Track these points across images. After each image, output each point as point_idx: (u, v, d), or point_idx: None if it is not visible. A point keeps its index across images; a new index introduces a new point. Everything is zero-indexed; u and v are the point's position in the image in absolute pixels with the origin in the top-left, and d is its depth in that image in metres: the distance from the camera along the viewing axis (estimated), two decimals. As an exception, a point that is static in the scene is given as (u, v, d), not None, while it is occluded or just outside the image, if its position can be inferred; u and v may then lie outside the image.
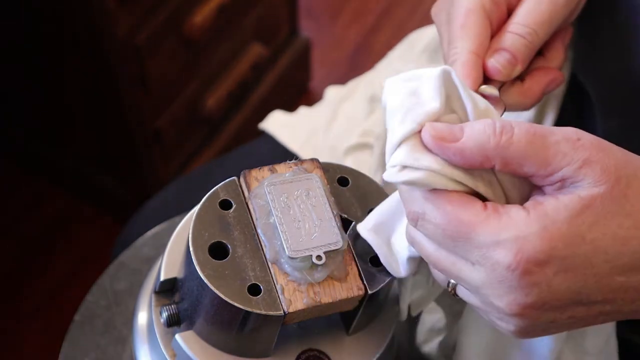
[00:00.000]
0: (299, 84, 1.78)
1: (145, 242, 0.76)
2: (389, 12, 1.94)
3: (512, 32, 0.60)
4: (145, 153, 1.43)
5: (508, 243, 0.47)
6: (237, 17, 1.45)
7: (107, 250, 1.58)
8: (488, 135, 0.48)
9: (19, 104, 1.55)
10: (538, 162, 0.48)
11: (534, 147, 0.48)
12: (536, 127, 0.49)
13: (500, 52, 0.60)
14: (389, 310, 0.61)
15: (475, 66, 0.58)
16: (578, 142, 0.48)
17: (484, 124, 0.49)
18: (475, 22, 0.60)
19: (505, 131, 0.48)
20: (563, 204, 0.47)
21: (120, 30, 1.21)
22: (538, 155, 0.48)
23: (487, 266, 0.48)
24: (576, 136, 0.48)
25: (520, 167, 0.49)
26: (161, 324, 0.59)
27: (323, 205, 0.57)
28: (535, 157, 0.48)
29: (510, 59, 0.60)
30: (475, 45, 0.59)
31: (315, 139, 0.89)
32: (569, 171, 0.48)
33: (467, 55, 0.58)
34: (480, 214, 0.48)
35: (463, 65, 0.58)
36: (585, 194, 0.47)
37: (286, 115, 0.93)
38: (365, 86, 0.91)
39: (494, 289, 0.48)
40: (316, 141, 0.88)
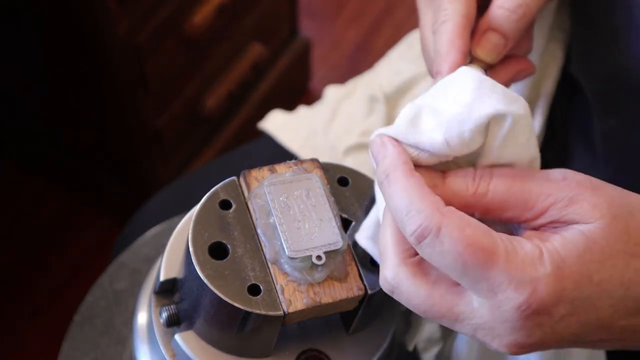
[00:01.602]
0: (299, 84, 1.78)
1: (145, 242, 0.76)
2: (388, 12, 1.94)
3: (503, 7, 0.57)
4: (145, 153, 1.43)
5: (523, 283, 0.45)
6: (237, 17, 1.45)
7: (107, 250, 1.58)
8: (466, 184, 0.48)
9: (19, 103, 1.55)
10: (520, 206, 0.47)
11: (512, 191, 0.47)
12: (515, 172, 0.48)
13: (490, 34, 0.57)
14: (389, 310, 0.61)
15: (466, 29, 0.57)
16: (563, 182, 0.47)
17: (465, 172, 0.49)
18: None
19: (484, 177, 0.48)
20: (570, 241, 0.46)
21: (121, 30, 1.21)
22: (518, 200, 0.47)
23: (493, 302, 0.46)
24: (561, 176, 0.48)
25: (502, 213, 0.48)
26: (161, 324, 0.59)
27: (323, 205, 0.57)
28: (515, 202, 0.47)
29: (499, 41, 0.57)
30: (465, 7, 0.57)
31: (315, 139, 0.89)
32: (555, 211, 0.47)
33: (458, 18, 0.56)
34: (499, 243, 0.45)
35: (454, 26, 0.56)
36: (586, 229, 0.46)
37: (285, 115, 0.93)
38: (365, 86, 0.91)
39: (495, 328, 0.46)
40: (315, 141, 0.88)
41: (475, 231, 0.46)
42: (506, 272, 0.45)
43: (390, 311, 0.61)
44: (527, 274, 0.44)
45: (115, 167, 1.52)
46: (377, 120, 0.84)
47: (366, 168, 0.80)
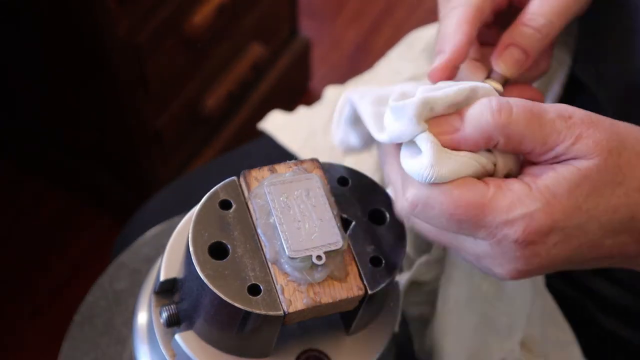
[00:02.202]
0: (299, 84, 1.78)
1: (145, 242, 0.76)
2: (388, 12, 1.94)
3: (527, 24, 0.59)
4: (145, 153, 1.43)
5: (517, 221, 0.49)
6: (237, 17, 1.45)
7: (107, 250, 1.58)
8: (486, 116, 0.50)
9: (19, 103, 1.55)
10: (536, 140, 0.50)
11: (532, 125, 0.50)
12: (532, 105, 0.50)
13: (512, 49, 0.59)
14: (389, 310, 0.61)
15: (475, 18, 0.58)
16: (570, 120, 0.50)
17: (481, 106, 0.51)
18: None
19: (504, 109, 0.50)
20: (562, 176, 0.50)
21: (121, 30, 1.21)
22: (535, 134, 0.50)
23: (492, 241, 0.50)
24: (568, 113, 0.50)
25: (519, 144, 0.51)
26: (161, 324, 0.59)
27: (323, 205, 0.57)
28: (533, 135, 0.50)
29: (520, 57, 0.60)
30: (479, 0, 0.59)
31: (314, 140, 0.89)
32: (562, 148, 0.50)
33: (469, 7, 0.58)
34: (486, 193, 0.50)
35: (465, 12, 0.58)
36: (582, 165, 0.50)
37: (285, 116, 0.93)
38: (364, 86, 0.91)
39: (496, 259, 0.51)
40: (315, 142, 0.89)
41: (461, 190, 0.50)
42: (498, 216, 0.49)
43: (390, 311, 0.61)
44: (517, 212, 0.49)
45: (115, 167, 1.52)
46: None
47: (366, 167, 0.81)
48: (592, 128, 0.50)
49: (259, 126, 0.93)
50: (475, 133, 0.51)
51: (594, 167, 0.50)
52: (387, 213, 0.58)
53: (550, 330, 0.72)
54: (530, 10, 0.60)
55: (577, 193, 0.50)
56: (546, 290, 0.71)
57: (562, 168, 0.50)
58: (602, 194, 0.50)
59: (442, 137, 0.51)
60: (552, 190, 0.50)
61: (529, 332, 0.70)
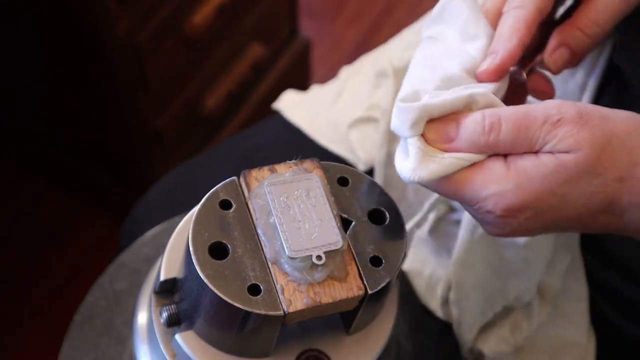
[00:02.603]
0: (299, 84, 1.78)
1: (145, 242, 0.76)
2: (388, 12, 1.94)
3: (582, 30, 0.63)
4: (145, 153, 1.43)
5: (489, 197, 0.55)
6: (237, 17, 1.45)
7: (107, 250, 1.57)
8: (478, 134, 0.56)
9: (19, 103, 1.55)
10: (524, 147, 0.55)
11: (520, 137, 0.55)
12: (522, 114, 0.55)
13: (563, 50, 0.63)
14: (389, 310, 0.61)
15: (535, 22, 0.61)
16: (557, 123, 0.55)
17: (474, 125, 0.56)
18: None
19: (494, 129, 0.55)
20: (541, 162, 0.55)
21: (121, 30, 1.21)
22: (523, 143, 0.55)
23: (472, 209, 0.57)
24: (557, 117, 0.55)
25: (509, 151, 0.56)
26: (161, 324, 0.59)
27: (323, 205, 0.57)
28: (521, 145, 0.55)
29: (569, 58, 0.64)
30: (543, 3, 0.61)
31: (320, 116, 0.90)
32: (548, 147, 0.55)
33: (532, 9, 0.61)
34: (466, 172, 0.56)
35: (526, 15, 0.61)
36: (562, 157, 0.54)
37: (298, 94, 0.95)
38: (374, 62, 0.91)
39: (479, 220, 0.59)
40: (321, 117, 0.90)
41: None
42: (474, 191, 0.56)
43: (390, 311, 0.61)
44: (490, 190, 0.55)
45: (115, 167, 1.52)
46: (385, 94, 0.85)
47: (371, 141, 0.81)
48: (579, 127, 0.54)
49: (273, 106, 0.94)
50: (467, 147, 0.56)
51: (572, 159, 0.54)
52: (387, 213, 0.58)
53: (570, 284, 0.76)
54: (587, 15, 0.63)
55: (552, 179, 0.54)
56: (578, 248, 0.75)
57: (544, 156, 0.55)
58: (577, 183, 0.55)
59: (437, 146, 0.56)
60: (528, 173, 0.55)
61: (548, 281, 0.74)
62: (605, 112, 0.55)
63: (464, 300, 0.75)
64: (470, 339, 0.76)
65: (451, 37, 0.62)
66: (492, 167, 0.56)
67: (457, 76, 0.59)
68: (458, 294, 0.75)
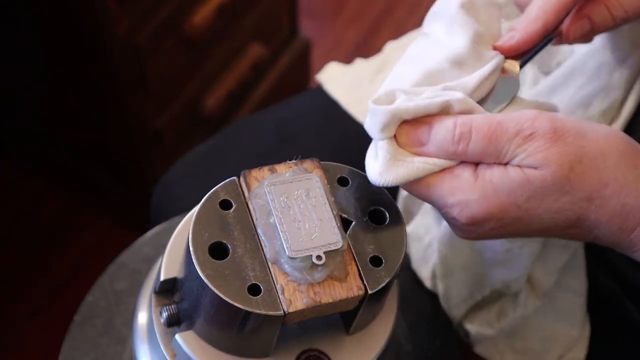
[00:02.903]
0: (299, 84, 1.78)
1: (145, 242, 0.76)
2: (389, 12, 1.94)
3: (609, 9, 0.63)
4: (145, 153, 1.43)
5: (455, 205, 0.56)
6: (237, 17, 1.45)
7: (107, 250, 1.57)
8: (448, 142, 0.55)
9: (19, 103, 1.55)
10: (492, 157, 0.55)
11: (489, 148, 0.55)
12: (494, 124, 0.55)
13: (585, 22, 0.64)
14: (389, 310, 0.61)
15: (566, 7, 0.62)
16: (529, 137, 0.54)
17: (445, 132, 0.56)
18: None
19: (463, 138, 0.55)
20: (508, 176, 0.55)
21: (121, 30, 1.21)
22: (492, 154, 0.55)
23: (441, 212, 0.58)
24: (529, 131, 0.54)
25: (478, 160, 0.56)
26: (161, 324, 0.59)
27: (323, 205, 0.57)
28: (489, 155, 0.55)
29: (588, 32, 0.64)
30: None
31: (359, 89, 0.90)
32: (516, 161, 0.55)
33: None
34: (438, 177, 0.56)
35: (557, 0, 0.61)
36: (529, 172, 0.54)
37: (340, 67, 0.95)
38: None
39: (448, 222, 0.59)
40: (359, 90, 0.90)
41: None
42: (441, 197, 0.57)
43: (390, 311, 0.61)
44: (456, 198, 0.56)
45: (115, 167, 1.52)
46: None
47: None
48: (550, 143, 0.54)
49: (316, 77, 0.94)
50: (437, 153, 0.56)
51: (539, 176, 0.54)
52: (387, 213, 0.58)
53: (567, 279, 0.76)
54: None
55: (517, 193, 0.55)
56: (581, 246, 0.76)
57: (511, 169, 0.55)
58: (543, 199, 0.55)
59: (407, 149, 0.57)
60: (495, 185, 0.55)
61: (540, 275, 0.74)
62: (583, 129, 0.55)
63: (449, 277, 0.76)
64: (458, 315, 0.77)
65: (439, 31, 0.62)
66: (461, 175, 0.56)
67: (440, 69, 0.59)
68: (444, 270, 0.76)
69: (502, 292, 0.76)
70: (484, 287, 0.76)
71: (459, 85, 0.58)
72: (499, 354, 0.78)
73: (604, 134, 0.55)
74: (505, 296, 0.77)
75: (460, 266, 0.75)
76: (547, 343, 0.77)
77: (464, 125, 0.55)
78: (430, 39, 0.62)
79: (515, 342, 0.78)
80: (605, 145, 0.55)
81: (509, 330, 0.77)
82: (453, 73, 0.59)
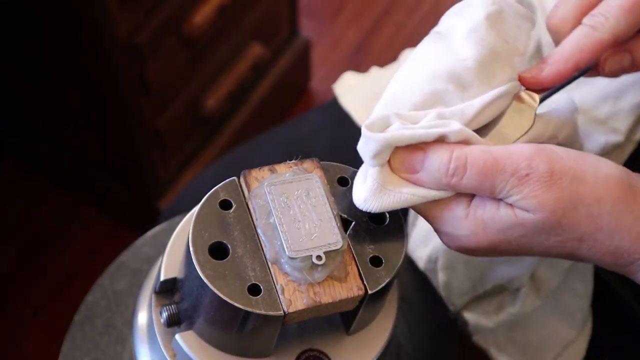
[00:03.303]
0: (299, 84, 1.78)
1: (145, 242, 0.76)
2: (389, 12, 1.94)
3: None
4: (145, 153, 1.43)
5: (446, 235, 0.57)
6: (237, 17, 1.45)
7: (107, 250, 1.58)
8: (441, 174, 0.55)
9: (19, 104, 1.55)
10: (485, 193, 0.55)
11: (482, 184, 0.54)
12: (490, 160, 0.54)
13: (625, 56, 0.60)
14: (389, 310, 0.61)
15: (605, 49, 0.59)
16: (525, 178, 0.53)
17: (439, 163, 0.55)
18: None
19: (457, 173, 0.54)
20: (499, 216, 0.54)
21: (121, 30, 1.21)
22: (485, 190, 0.54)
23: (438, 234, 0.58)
24: (525, 172, 0.53)
25: (471, 193, 0.56)
26: (161, 324, 0.59)
27: (323, 205, 0.57)
28: (483, 191, 0.54)
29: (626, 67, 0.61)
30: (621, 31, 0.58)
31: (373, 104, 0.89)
32: (510, 200, 0.54)
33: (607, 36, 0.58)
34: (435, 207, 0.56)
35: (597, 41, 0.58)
36: (521, 215, 0.54)
37: (356, 77, 0.93)
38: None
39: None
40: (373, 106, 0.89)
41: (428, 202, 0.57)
42: (435, 224, 0.57)
43: (390, 311, 0.61)
44: (447, 228, 0.56)
45: (115, 167, 1.52)
46: None
47: None
48: (546, 187, 0.53)
49: (333, 86, 0.93)
50: (429, 183, 0.55)
51: (531, 220, 0.53)
52: (387, 213, 0.58)
53: (573, 281, 0.76)
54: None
55: (507, 233, 0.55)
56: None
57: (504, 208, 0.54)
58: (534, 238, 0.54)
59: (400, 174, 0.56)
60: (485, 223, 0.55)
61: (544, 276, 0.74)
62: (580, 172, 0.54)
63: (450, 269, 0.76)
64: (458, 304, 0.77)
65: (459, 34, 0.59)
66: (454, 208, 0.56)
67: (442, 90, 0.57)
68: (446, 262, 0.76)
69: (504, 286, 0.76)
70: (487, 282, 0.76)
71: (458, 112, 0.57)
72: (497, 346, 0.78)
73: (603, 178, 0.54)
74: (507, 290, 0.76)
75: (462, 261, 0.75)
76: (547, 340, 0.77)
77: (459, 159, 0.54)
78: (442, 45, 0.59)
79: (515, 334, 0.78)
80: (602, 190, 0.53)
81: (507, 325, 0.77)
82: (455, 95, 0.57)
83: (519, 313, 0.75)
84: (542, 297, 0.75)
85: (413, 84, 0.58)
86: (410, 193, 0.55)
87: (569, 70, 0.58)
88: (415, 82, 0.58)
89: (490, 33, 0.59)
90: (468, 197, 0.56)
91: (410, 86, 0.58)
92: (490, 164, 0.54)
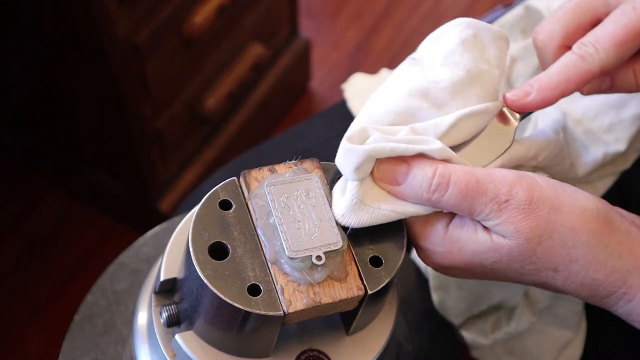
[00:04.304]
0: (299, 84, 1.78)
1: (145, 242, 0.76)
2: (389, 12, 1.94)
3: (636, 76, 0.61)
4: (145, 153, 1.43)
5: (423, 250, 0.58)
6: (237, 17, 1.45)
7: (107, 250, 1.58)
8: (423, 189, 0.55)
9: (19, 104, 1.55)
10: (465, 213, 0.55)
11: (462, 205, 0.55)
12: (472, 182, 0.54)
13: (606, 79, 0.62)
14: (388, 310, 0.61)
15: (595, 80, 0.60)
16: (504, 204, 0.54)
17: (422, 178, 0.55)
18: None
19: (439, 190, 0.54)
20: (475, 240, 0.55)
21: (120, 30, 1.21)
22: (465, 211, 0.55)
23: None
24: (505, 198, 0.54)
25: (450, 211, 0.56)
26: (161, 324, 0.59)
27: (323, 205, 0.57)
28: (463, 211, 0.55)
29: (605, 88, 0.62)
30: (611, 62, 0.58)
31: None
32: (488, 224, 0.55)
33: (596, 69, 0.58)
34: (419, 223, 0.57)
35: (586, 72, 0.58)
36: (497, 240, 0.55)
37: (366, 79, 0.92)
38: None
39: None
40: None
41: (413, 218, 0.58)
42: (412, 235, 0.58)
43: (390, 311, 0.61)
44: (425, 244, 0.57)
45: (115, 167, 1.52)
46: None
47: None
48: (523, 215, 0.53)
49: (342, 86, 0.91)
50: (410, 196, 0.56)
51: (506, 246, 0.54)
52: (387, 213, 0.58)
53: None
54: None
55: (482, 257, 0.55)
56: None
57: (481, 232, 0.55)
58: (509, 265, 0.55)
59: (382, 185, 0.56)
60: (461, 245, 0.56)
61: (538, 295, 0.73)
62: (559, 202, 0.54)
63: (443, 290, 0.76)
64: (455, 323, 0.78)
65: (434, 59, 0.59)
66: (434, 224, 0.57)
67: (417, 107, 0.57)
68: (438, 283, 0.75)
69: (500, 306, 0.77)
70: (482, 303, 0.76)
71: (431, 125, 0.57)
72: (496, 358, 0.78)
73: (579, 210, 0.54)
74: (503, 309, 0.77)
75: (454, 284, 0.75)
76: (543, 344, 0.77)
77: (442, 176, 0.55)
78: (417, 69, 0.60)
79: (513, 346, 0.78)
80: (578, 222, 0.54)
81: (503, 340, 0.77)
82: (430, 113, 0.57)
83: (515, 331, 0.75)
84: (537, 313, 0.75)
85: (388, 102, 0.58)
86: (389, 209, 0.56)
87: (555, 98, 0.59)
88: (390, 101, 0.58)
89: (465, 56, 0.59)
90: (449, 216, 0.56)
91: (385, 104, 0.58)
92: (472, 185, 0.54)
